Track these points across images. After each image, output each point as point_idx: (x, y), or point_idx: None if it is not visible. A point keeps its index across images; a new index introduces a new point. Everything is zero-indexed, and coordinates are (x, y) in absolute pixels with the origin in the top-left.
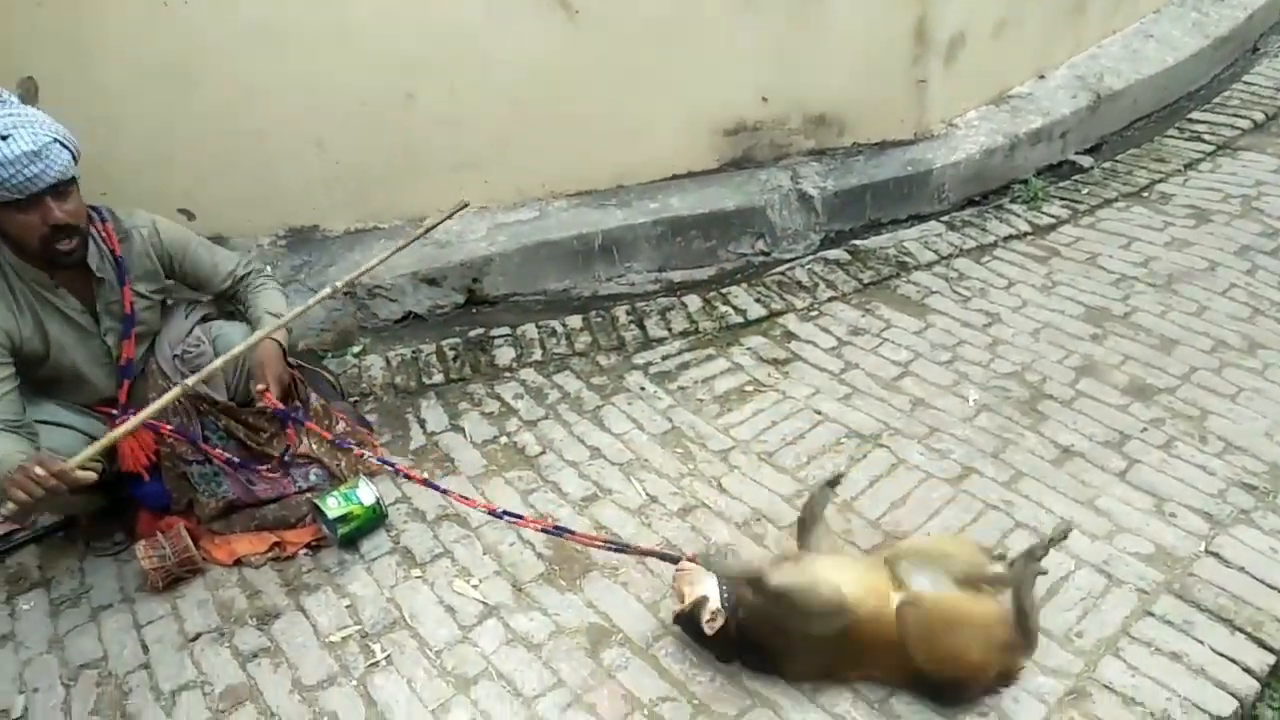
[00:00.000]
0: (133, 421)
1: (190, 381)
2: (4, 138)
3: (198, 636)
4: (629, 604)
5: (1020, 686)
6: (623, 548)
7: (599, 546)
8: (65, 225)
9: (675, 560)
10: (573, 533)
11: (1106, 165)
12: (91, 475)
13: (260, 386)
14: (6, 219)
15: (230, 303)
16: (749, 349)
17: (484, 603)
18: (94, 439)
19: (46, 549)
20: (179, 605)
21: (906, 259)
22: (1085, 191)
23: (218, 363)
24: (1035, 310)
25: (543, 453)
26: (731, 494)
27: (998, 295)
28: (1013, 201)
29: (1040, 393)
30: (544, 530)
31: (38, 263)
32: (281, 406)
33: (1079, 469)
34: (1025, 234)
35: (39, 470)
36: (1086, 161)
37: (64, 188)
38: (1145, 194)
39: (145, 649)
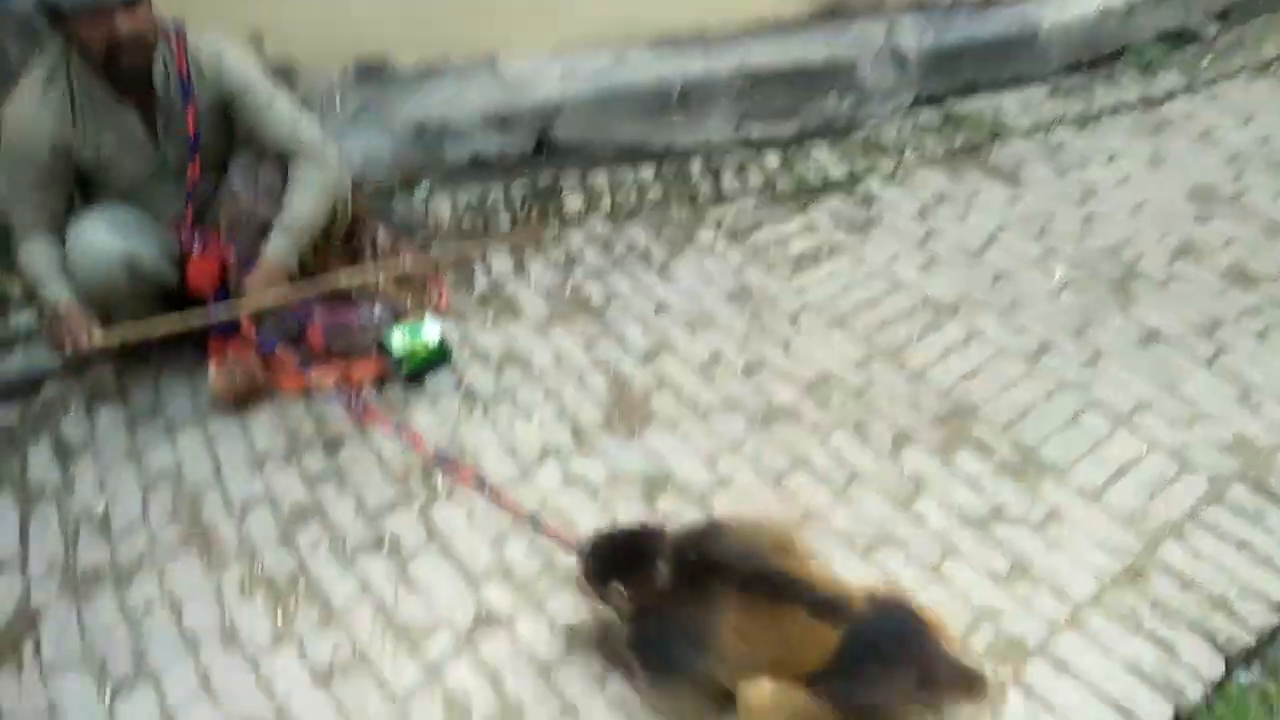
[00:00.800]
0: (196, 317)
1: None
2: None
3: (266, 457)
4: (687, 456)
5: (1076, 561)
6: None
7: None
8: (131, 40)
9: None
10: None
11: (1232, 35)
12: (111, 344)
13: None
14: (76, 28)
15: None
16: (827, 210)
17: (544, 444)
18: (166, 250)
19: (123, 363)
20: (249, 426)
21: (1002, 125)
22: (1206, 62)
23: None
24: (1137, 186)
25: (608, 304)
26: (798, 355)
27: (1098, 168)
28: (1124, 68)
29: (1132, 272)
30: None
31: (104, 76)
32: (255, 333)
33: (1164, 353)
34: (1135, 104)
35: (68, 329)
36: (1211, 29)
37: (134, 2)
38: (1272, 68)
39: (217, 464)
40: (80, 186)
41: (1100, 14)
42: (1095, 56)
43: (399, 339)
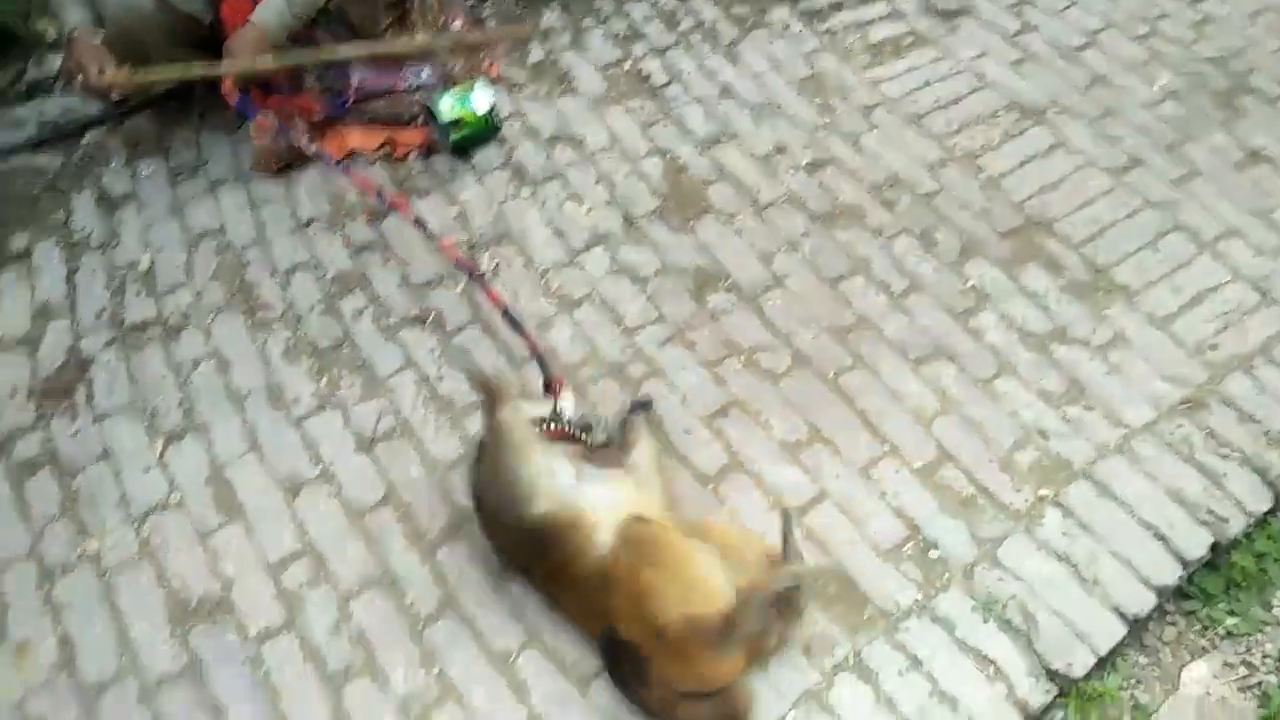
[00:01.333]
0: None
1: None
2: None
3: (310, 222)
4: (741, 251)
5: (1135, 388)
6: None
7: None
8: None
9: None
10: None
11: None
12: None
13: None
14: None
15: None
16: None
17: (593, 229)
18: None
19: (163, 116)
20: (291, 190)
21: None
22: None
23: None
24: None
25: (669, 84)
26: (867, 153)
27: None
28: None
29: (1243, 85)
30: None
31: None
32: (236, 98)
33: (1264, 175)
34: None
35: (79, 60)
36: None
37: None
38: None
39: (260, 227)
40: None
41: None
42: None
43: (447, 105)
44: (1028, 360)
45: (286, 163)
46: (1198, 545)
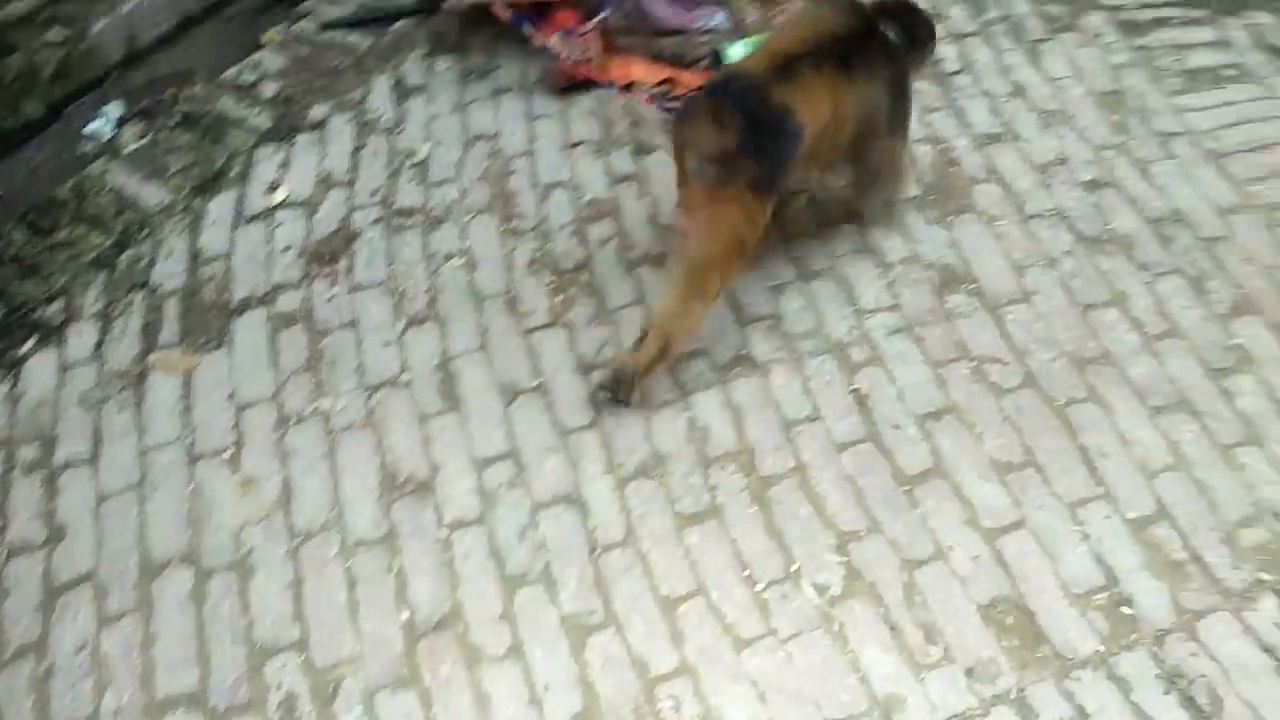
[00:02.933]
0: None
1: None
2: None
3: (579, 144)
4: (994, 257)
5: None
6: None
7: None
8: None
9: None
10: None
11: None
12: None
13: None
14: None
15: None
16: (1250, 25)
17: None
18: None
19: (465, 21)
20: (568, 110)
21: None
22: None
23: None
24: None
25: (959, 71)
26: (1155, 183)
27: None
28: None
29: None
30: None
31: None
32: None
33: None
34: None
35: None
36: None
37: None
38: None
39: (533, 139)
40: None
41: None
42: None
43: (737, 54)
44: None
45: (572, 84)
46: None
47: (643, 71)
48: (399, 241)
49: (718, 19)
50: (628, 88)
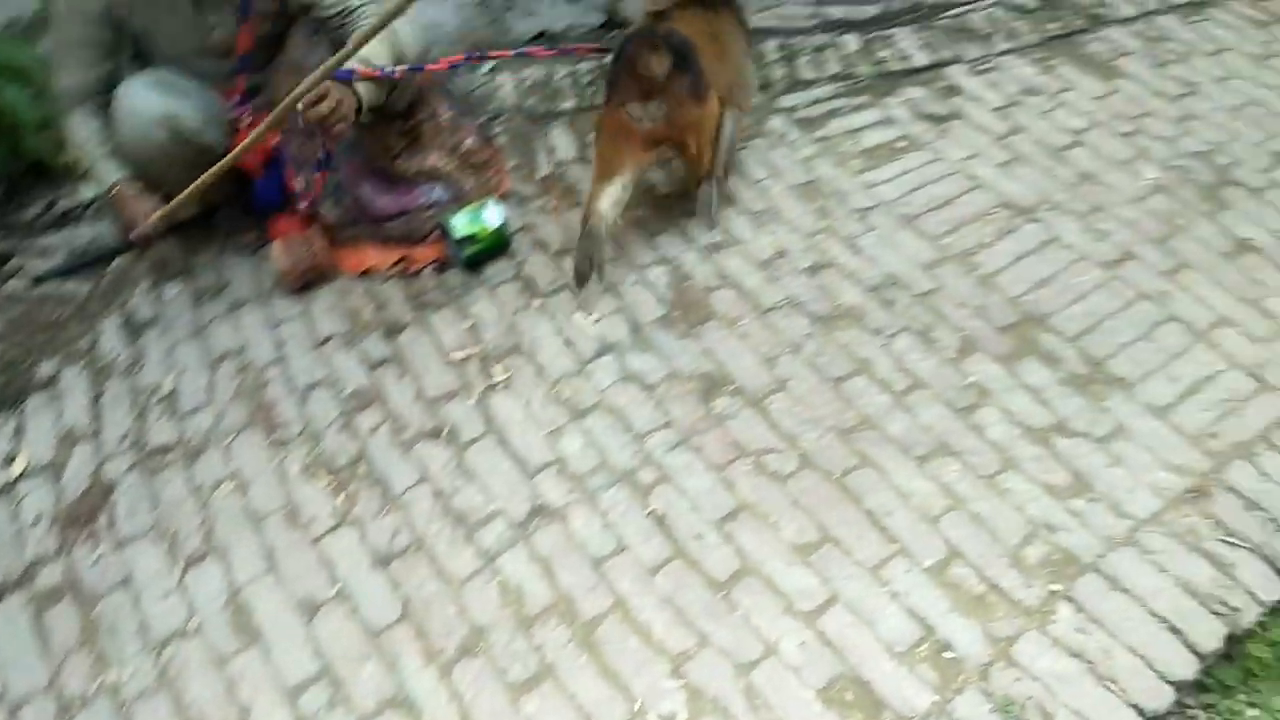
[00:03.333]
0: (252, 135)
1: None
2: None
3: (328, 339)
4: (745, 356)
5: (1138, 478)
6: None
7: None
8: None
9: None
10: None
11: None
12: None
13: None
14: None
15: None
16: (906, 101)
17: (601, 338)
18: (212, 115)
19: (187, 240)
20: (310, 308)
21: (1102, 11)
22: None
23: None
24: (1241, 84)
25: (669, 195)
26: (865, 255)
27: (1201, 62)
28: None
29: (1227, 178)
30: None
31: None
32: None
33: (1253, 265)
34: None
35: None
36: None
37: None
38: None
39: (280, 345)
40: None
41: None
42: None
43: (460, 223)
44: (1031, 454)
45: (307, 281)
46: (1212, 637)
47: (375, 256)
48: (159, 482)
49: (437, 193)
50: (364, 274)
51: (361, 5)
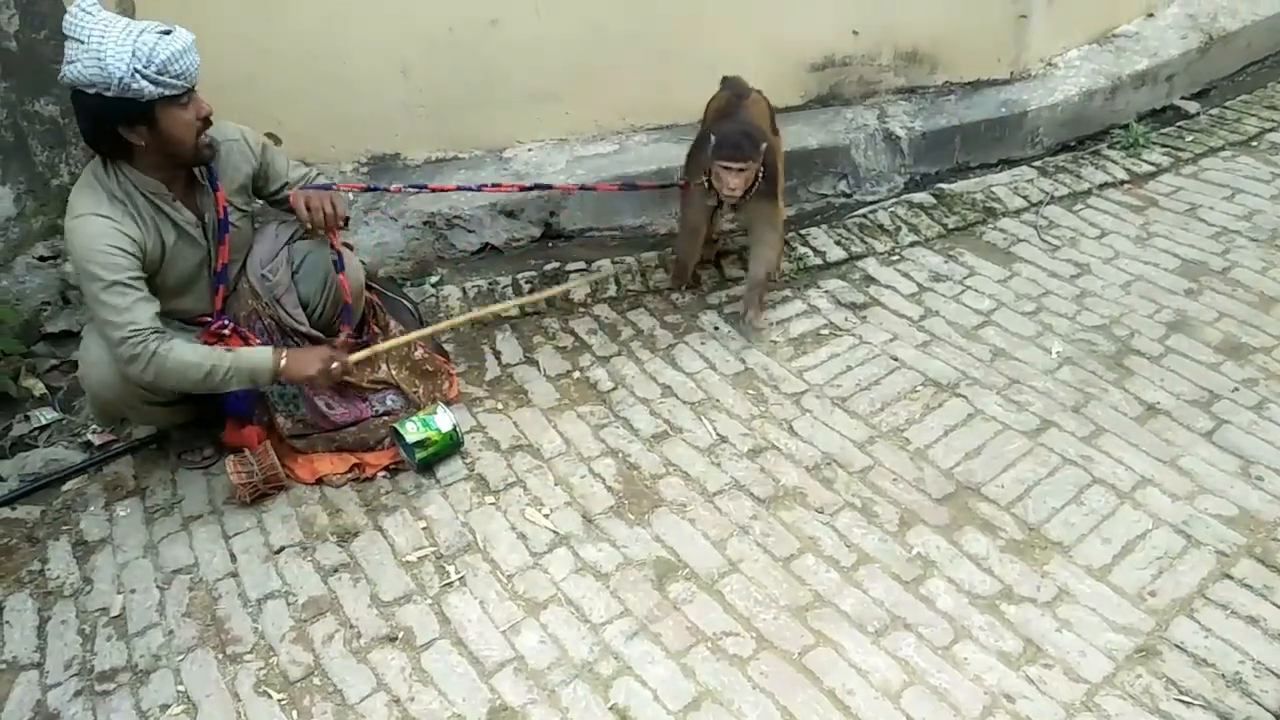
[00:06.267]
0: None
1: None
2: (167, 32)
3: (282, 549)
4: (696, 540)
5: (1088, 641)
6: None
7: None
8: (208, 118)
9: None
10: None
11: (1214, 112)
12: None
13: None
14: (169, 118)
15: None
16: (826, 292)
17: (554, 531)
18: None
19: (141, 460)
20: (264, 519)
21: (994, 205)
22: (1189, 139)
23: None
24: (1128, 262)
25: (615, 388)
26: (802, 437)
27: (1089, 245)
28: (1111, 147)
29: (1128, 347)
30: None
31: (158, 175)
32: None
33: (1163, 427)
34: (1122, 182)
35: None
36: (1193, 107)
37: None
38: (1254, 143)
39: (233, 558)
40: None
41: (1084, 95)
42: (1082, 136)
43: (413, 428)
44: (981, 623)
45: (261, 493)
46: None
47: (329, 464)
48: (105, 710)
49: (390, 401)
50: (318, 482)
51: (302, 175)
